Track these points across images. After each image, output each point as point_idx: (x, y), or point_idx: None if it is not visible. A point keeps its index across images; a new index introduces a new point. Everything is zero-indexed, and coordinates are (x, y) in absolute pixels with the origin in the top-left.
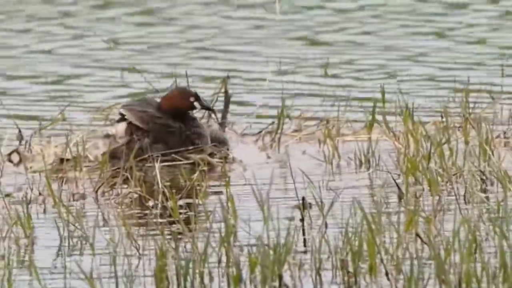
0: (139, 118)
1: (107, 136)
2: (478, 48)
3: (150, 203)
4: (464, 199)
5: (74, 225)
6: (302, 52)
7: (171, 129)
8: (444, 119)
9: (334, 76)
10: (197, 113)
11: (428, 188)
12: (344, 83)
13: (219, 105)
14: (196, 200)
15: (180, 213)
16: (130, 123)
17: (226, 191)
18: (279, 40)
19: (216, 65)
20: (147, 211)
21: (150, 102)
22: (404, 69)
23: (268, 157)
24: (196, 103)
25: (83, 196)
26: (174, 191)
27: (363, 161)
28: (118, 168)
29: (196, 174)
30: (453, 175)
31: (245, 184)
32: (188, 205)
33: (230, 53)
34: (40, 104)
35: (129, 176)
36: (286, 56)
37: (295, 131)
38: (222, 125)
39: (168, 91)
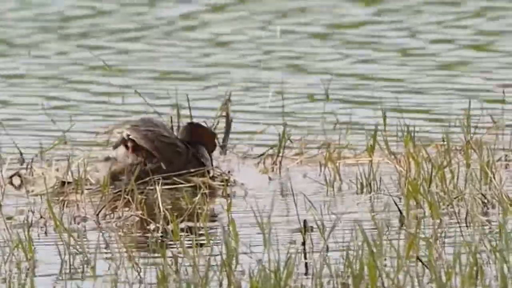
0: (144, 137)
1: (108, 159)
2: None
3: (152, 226)
4: (466, 223)
5: (75, 248)
6: (303, 75)
7: (178, 149)
8: (445, 142)
9: (336, 98)
10: None
11: (429, 211)
12: (345, 105)
13: (221, 128)
14: (198, 224)
15: (181, 236)
16: (133, 145)
17: (228, 214)
18: (280, 63)
19: (217, 88)
20: (148, 234)
21: (155, 122)
22: (405, 91)
23: (270, 180)
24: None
25: (84, 219)
26: (175, 214)
27: (364, 184)
28: (120, 191)
29: (197, 197)
30: (454, 198)
31: (246, 207)
32: (190, 228)
33: (231, 74)
34: (41, 126)
35: (130, 199)
36: (287, 79)
37: (297, 154)
38: (223, 148)
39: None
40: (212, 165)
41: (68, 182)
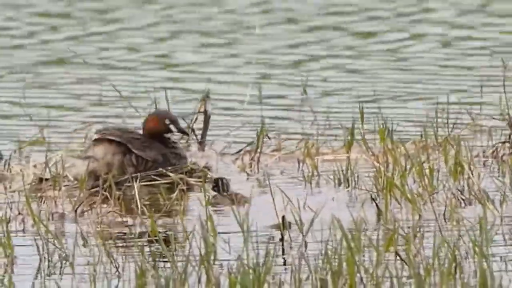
0: (118, 136)
1: (87, 157)
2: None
3: (130, 222)
4: (444, 218)
5: (53, 244)
6: (282, 71)
7: (146, 143)
8: (423, 139)
9: (313, 95)
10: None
11: (408, 207)
12: (323, 102)
13: (199, 124)
14: (176, 219)
15: (160, 232)
16: (110, 144)
17: (206, 211)
18: (258, 58)
19: (196, 85)
20: (126, 230)
21: (127, 129)
22: (383, 88)
23: (248, 176)
24: (171, 126)
25: (62, 216)
26: (153, 210)
27: (342, 180)
28: (98, 187)
29: (175, 194)
30: (432, 194)
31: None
32: (168, 224)
33: (209, 73)
34: (19, 123)
35: (108, 196)
36: (266, 76)
37: (275, 150)
38: (202, 144)
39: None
40: (187, 163)
41: (46, 179)
